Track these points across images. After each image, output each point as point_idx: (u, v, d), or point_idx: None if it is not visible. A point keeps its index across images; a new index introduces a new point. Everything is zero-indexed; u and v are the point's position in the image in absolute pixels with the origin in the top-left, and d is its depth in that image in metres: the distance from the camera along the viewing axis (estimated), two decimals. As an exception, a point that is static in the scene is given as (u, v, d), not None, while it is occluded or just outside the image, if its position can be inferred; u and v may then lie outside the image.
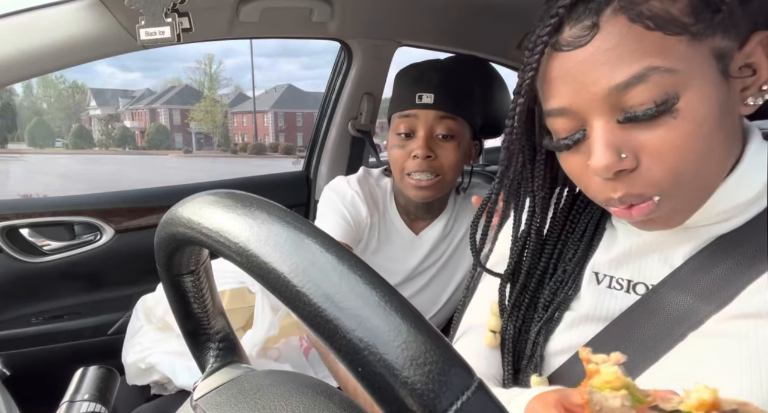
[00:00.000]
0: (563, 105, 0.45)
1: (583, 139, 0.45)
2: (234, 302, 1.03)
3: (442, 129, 0.95)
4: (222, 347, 0.44)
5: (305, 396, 0.36)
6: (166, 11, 0.72)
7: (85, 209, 1.34)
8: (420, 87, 0.95)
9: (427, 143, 0.94)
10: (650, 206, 0.44)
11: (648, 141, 0.42)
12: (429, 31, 1.51)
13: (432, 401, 0.22)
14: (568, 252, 0.57)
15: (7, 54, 0.83)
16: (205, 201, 0.31)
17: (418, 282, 1.03)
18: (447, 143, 0.95)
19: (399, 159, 0.97)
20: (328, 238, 0.27)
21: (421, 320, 0.24)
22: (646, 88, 0.40)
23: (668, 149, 0.41)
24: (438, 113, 0.94)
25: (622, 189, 0.44)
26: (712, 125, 0.41)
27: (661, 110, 0.41)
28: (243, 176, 1.73)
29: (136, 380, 1.06)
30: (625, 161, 0.42)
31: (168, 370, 1.00)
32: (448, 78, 0.97)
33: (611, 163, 0.42)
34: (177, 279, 0.40)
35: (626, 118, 0.42)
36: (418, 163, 0.94)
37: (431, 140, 0.95)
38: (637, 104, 0.41)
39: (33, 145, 39.92)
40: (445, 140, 0.95)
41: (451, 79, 0.98)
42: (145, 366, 1.04)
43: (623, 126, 0.43)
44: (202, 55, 64.92)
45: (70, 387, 0.48)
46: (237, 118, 44.47)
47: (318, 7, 1.23)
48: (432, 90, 0.94)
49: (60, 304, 1.34)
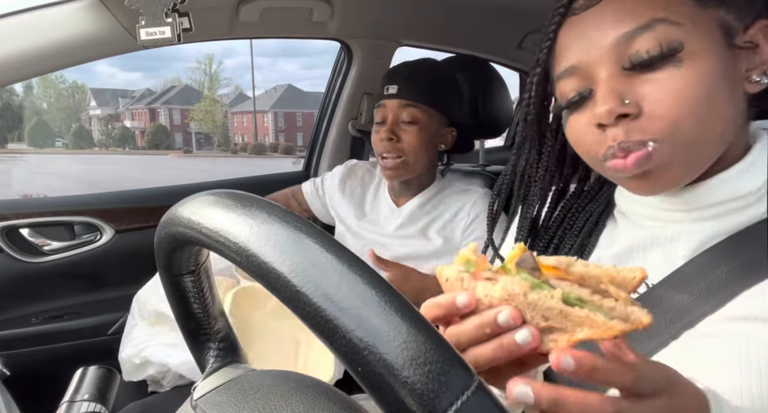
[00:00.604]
0: (573, 63, 0.48)
1: (589, 97, 0.47)
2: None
3: (406, 116, 1.09)
4: (222, 347, 0.44)
5: (305, 396, 0.36)
6: (166, 11, 0.72)
7: (85, 209, 1.34)
8: (388, 80, 1.12)
9: (391, 127, 1.09)
10: (646, 153, 0.44)
11: (650, 88, 0.44)
12: (429, 31, 1.51)
13: (432, 401, 0.22)
14: (564, 246, 0.58)
15: (7, 54, 0.83)
16: (205, 201, 0.31)
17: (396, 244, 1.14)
18: (410, 127, 1.09)
19: (375, 142, 1.13)
20: (328, 238, 0.27)
21: (421, 320, 0.24)
22: (652, 35, 0.43)
23: (670, 95, 0.43)
24: (401, 101, 1.09)
25: (622, 136, 0.45)
26: (714, 81, 0.43)
27: (666, 55, 0.43)
28: (243, 176, 1.73)
29: (132, 376, 1.06)
30: (628, 107, 0.44)
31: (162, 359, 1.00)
32: (413, 72, 1.13)
33: (614, 107, 0.44)
34: (177, 279, 0.40)
35: (632, 63, 0.44)
36: (384, 145, 1.09)
37: (396, 126, 1.09)
38: (643, 50, 0.44)
39: (33, 145, 39.94)
40: (408, 125, 1.09)
41: (417, 73, 1.13)
42: (139, 361, 1.04)
43: (629, 74, 0.45)
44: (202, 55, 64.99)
45: (70, 387, 0.48)
46: (237, 118, 44.49)
47: (318, 7, 1.23)
48: (396, 82, 1.10)
49: (60, 304, 1.34)
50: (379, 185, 1.26)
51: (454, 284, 0.35)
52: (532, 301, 0.31)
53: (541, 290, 0.32)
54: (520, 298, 0.32)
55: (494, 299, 0.32)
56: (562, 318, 0.31)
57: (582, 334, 0.31)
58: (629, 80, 0.45)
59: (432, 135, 1.11)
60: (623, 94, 0.44)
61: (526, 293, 0.32)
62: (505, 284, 0.32)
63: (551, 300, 0.31)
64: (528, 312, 0.32)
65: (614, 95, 0.44)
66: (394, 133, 1.09)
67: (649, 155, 0.44)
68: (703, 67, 0.43)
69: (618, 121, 0.45)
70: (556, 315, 0.31)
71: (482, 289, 0.33)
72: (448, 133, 1.15)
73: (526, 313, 0.32)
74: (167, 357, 1.01)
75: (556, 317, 0.31)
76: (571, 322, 0.31)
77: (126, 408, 0.99)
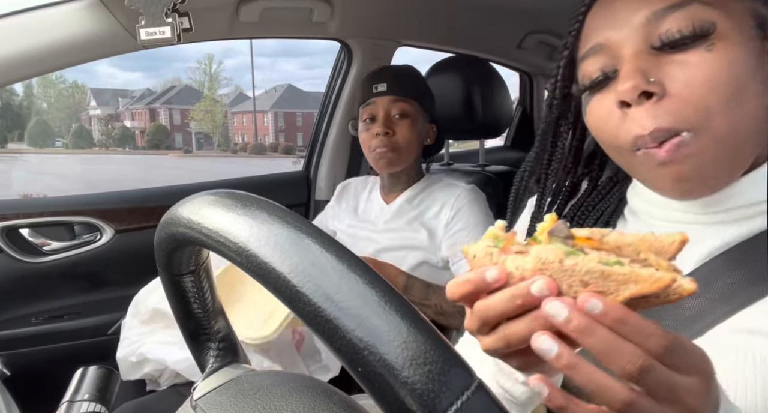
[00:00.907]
0: (599, 41, 0.46)
1: (613, 77, 0.46)
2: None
3: (397, 110, 1.16)
4: (222, 347, 0.44)
5: (305, 396, 0.36)
6: (166, 11, 0.72)
7: (85, 209, 1.34)
8: (375, 80, 1.19)
9: (385, 122, 1.15)
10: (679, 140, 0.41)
11: (679, 70, 0.42)
12: (429, 31, 1.51)
13: (432, 401, 0.22)
14: None
15: (7, 54, 0.83)
16: (205, 201, 0.31)
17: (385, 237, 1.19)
18: (403, 121, 1.16)
19: (366, 140, 1.18)
20: (328, 238, 0.27)
21: (421, 320, 0.24)
22: (686, 14, 0.42)
23: (699, 78, 0.41)
24: (392, 97, 1.16)
25: (651, 124, 0.42)
26: (746, 71, 0.41)
27: (699, 35, 0.41)
28: (243, 176, 1.73)
29: (130, 375, 1.06)
30: (653, 85, 0.42)
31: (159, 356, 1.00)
32: (398, 72, 1.22)
33: (638, 83, 0.42)
34: (177, 279, 0.40)
35: (662, 42, 0.43)
36: (380, 139, 1.14)
37: (389, 120, 1.16)
38: (674, 30, 0.42)
39: (33, 145, 39.93)
40: (401, 118, 1.16)
41: (402, 73, 1.21)
42: (136, 359, 1.04)
43: (657, 54, 0.43)
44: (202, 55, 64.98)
45: (70, 387, 0.48)
46: (237, 118, 44.49)
47: (318, 7, 1.23)
48: (385, 80, 1.17)
49: (60, 304, 1.34)
50: (372, 190, 1.32)
51: (482, 260, 0.33)
52: (569, 267, 0.30)
53: (577, 256, 0.30)
54: (555, 266, 0.30)
55: (526, 271, 0.30)
56: (604, 280, 0.29)
57: (628, 291, 0.29)
58: (657, 60, 0.43)
59: (419, 129, 1.19)
60: (649, 73, 0.42)
61: (562, 260, 0.30)
62: (538, 252, 0.30)
63: (590, 263, 0.29)
64: (565, 280, 0.30)
65: (639, 73, 0.42)
66: (388, 127, 1.15)
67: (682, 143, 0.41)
68: (735, 52, 0.41)
69: (641, 101, 0.42)
70: (597, 277, 0.29)
71: (513, 262, 0.31)
72: (430, 129, 1.23)
73: (562, 282, 0.30)
74: (165, 354, 1.01)
75: (597, 280, 0.29)
76: (614, 282, 0.29)
77: (120, 407, 0.99)
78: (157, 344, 1.02)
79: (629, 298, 0.29)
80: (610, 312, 0.28)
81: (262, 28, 1.26)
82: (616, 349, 0.28)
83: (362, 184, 1.36)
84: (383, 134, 1.14)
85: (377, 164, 1.19)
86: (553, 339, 0.29)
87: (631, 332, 0.28)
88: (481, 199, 1.19)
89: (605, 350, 0.28)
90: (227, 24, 1.16)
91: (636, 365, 0.28)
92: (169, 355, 1.00)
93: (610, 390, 0.29)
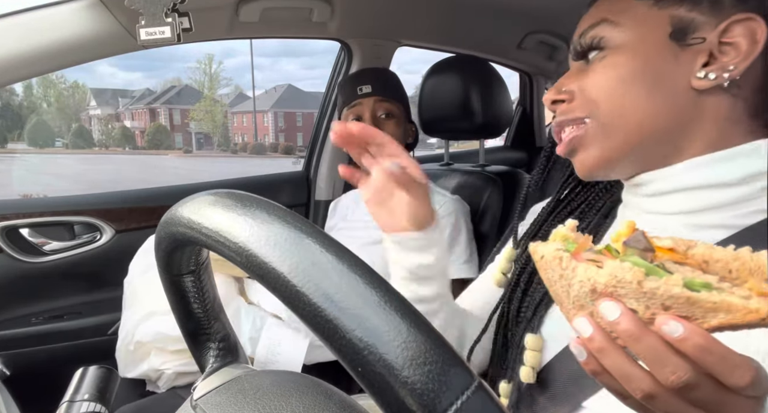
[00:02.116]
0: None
1: None
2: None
3: (383, 110, 1.20)
4: (222, 347, 0.44)
5: (305, 396, 0.36)
6: (166, 11, 0.72)
7: (85, 209, 1.34)
8: (359, 82, 1.21)
9: (373, 122, 1.18)
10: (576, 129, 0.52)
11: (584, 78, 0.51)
12: (429, 31, 1.51)
13: (432, 401, 0.22)
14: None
15: (7, 54, 0.83)
16: (205, 201, 0.31)
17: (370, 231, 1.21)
18: (389, 120, 1.20)
19: None
20: (327, 238, 0.27)
21: (421, 320, 0.24)
22: (594, 32, 0.51)
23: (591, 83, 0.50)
24: (376, 98, 1.19)
25: (559, 116, 0.53)
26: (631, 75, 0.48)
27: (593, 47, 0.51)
28: (243, 176, 1.73)
29: (128, 369, 1.06)
30: (563, 94, 0.53)
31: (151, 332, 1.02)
32: (379, 74, 1.26)
33: (550, 95, 0.54)
34: (177, 279, 0.40)
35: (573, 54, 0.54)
36: None
37: (376, 120, 1.19)
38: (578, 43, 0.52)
39: (33, 145, 39.91)
40: (387, 118, 1.20)
41: (383, 75, 1.27)
42: (133, 347, 1.04)
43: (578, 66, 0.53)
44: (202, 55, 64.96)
45: (70, 387, 0.48)
46: (237, 118, 44.48)
47: (318, 7, 1.23)
48: (368, 82, 1.20)
49: (60, 304, 1.34)
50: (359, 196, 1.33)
51: (550, 264, 0.31)
52: (650, 290, 0.27)
53: (659, 277, 0.27)
54: (632, 286, 0.28)
55: (598, 284, 0.29)
56: (689, 306, 0.27)
57: (716, 320, 0.26)
58: (577, 72, 0.53)
59: (403, 129, 1.24)
60: (563, 85, 0.53)
61: (641, 282, 0.27)
62: (614, 270, 0.28)
63: (675, 288, 0.27)
64: (643, 301, 0.28)
65: (556, 86, 0.54)
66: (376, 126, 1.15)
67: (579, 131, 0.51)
68: (621, 62, 0.48)
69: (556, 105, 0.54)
70: (682, 303, 0.27)
71: (584, 272, 0.29)
72: (410, 128, 1.28)
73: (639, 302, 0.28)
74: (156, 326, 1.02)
75: (681, 306, 0.27)
76: (701, 309, 0.27)
77: (119, 410, 0.99)
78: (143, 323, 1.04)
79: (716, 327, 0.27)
80: (692, 337, 0.27)
81: (262, 28, 1.26)
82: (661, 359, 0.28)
83: (351, 196, 1.42)
84: None
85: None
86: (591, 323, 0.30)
87: (715, 362, 0.27)
88: (464, 211, 1.20)
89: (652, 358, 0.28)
90: (227, 24, 1.16)
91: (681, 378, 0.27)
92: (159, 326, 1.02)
93: (635, 379, 0.29)
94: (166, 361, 1.03)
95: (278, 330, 1.06)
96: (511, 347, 0.60)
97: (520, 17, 1.46)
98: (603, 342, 0.29)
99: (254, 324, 1.06)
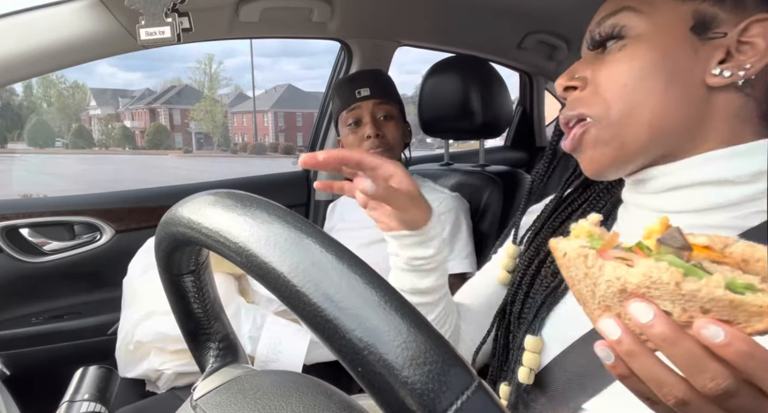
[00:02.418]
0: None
1: None
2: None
3: (382, 112, 1.20)
4: (222, 347, 0.44)
5: (305, 396, 0.36)
6: (166, 11, 0.72)
7: (85, 209, 1.34)
8: (357, 85, 1.21)
9: (373, 124, 1.18)
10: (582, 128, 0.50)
11: (598, 68, 0.50)
12: (429, 31, 1.51)
13: (432, 401, 0.22)
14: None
15: (8, 54, 0.83)
16: (205, 201, 0.31)
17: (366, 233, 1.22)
18: (389, 122, 1.20)
19: (354, 143, 1.20)
20: (327, 238, 0.27)
21: (421, 320, 0.24)
22: (614, 20, 0.49)
23: (606, 74, 0.49)
24: (376, 100, 1.20)
25: (566, 111, 0.51)
26: (653, 71, 0.46)
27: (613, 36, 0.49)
28: (243, 176, 1.73)
29: (128, 369, 1.06)
30: (575, 80, 0.51)
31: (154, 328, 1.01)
32: (375, 76, 1.26)
33: (563, 80, 0.52)
34: (177, 279, 0.40)
35: (590, 43, 0.51)
36: (371, 142, 1.17)
37: (377, 122, 1.19)
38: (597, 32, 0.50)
39: (33, 145, 39.90)
40: (386, 120, 1.20)
41: (379, 77, 1.26)
42: (133, 347, 1.04)
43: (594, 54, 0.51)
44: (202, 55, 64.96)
45: (70, 387, 0.48)
46: (237, 118, 44.48)
47: (318, 7, 1.23)
48: (366, 85, 1.21)
49: (60, 304, 1.34)
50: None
51: (574, 262, 0.29)
52: (689, 292, 0.25)
53: (698, 278, 0.25)
54: (669, 288, 0.26)
55: (629, 284, 0.27)
56: (732, 309, 0.25)
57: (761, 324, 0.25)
58: (592, 60, 0.51)
59: (402, 129, 1.24)
60: (576, 71, 0.51)
61: (679, 283, 0.25)
62: (649, 269, 0.26)
63: (717, 290, 0.25)
64: (679, 303, 0.26)
65: (569, 71, 0.52)
66: (378, 129, 1.18)
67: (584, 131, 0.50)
68: (641, 53, 0.47)
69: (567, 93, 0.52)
70: (724, 306, 0.25)
71: (613, 271, 0.27)
72: (406, 128, 1.28)
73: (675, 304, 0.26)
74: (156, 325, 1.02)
75: (722, 309, 0.25)
76: (744, 313, 0.25)
77: (119, 411, 0.99)
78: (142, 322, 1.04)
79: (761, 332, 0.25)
80: (735, 343, 0.25)
81: (262, 28, 1.26)
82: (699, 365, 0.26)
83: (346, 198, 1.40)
84: (374, 135, 1.16)
85: None
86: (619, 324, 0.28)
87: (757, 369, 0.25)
88: (464, 207, 1.20)
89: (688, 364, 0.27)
90: (227, 24, 1.16)
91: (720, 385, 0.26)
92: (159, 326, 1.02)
93: (667, 385, 0.28)
94: (166, 361, 1.04)
95: (279, 329, 1.06)
96: (512, 348, 0.60)
97: (520, 17, 1.46)
98: (632, 345, 0.28)
99: (254, 322, 1.06)
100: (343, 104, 1.23)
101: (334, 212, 1.43)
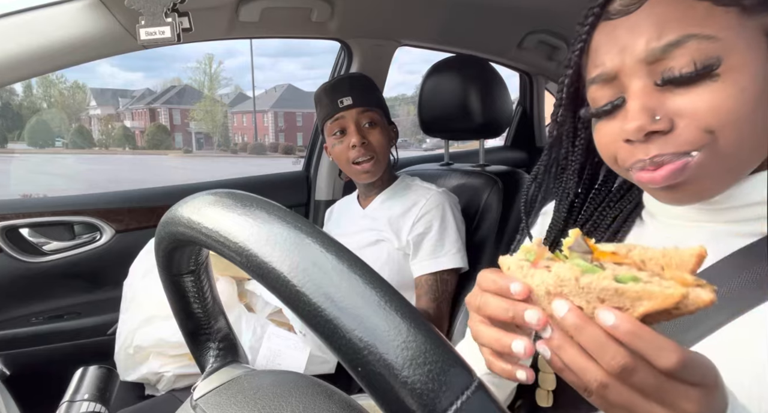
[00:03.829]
0: (605, 70, 0.46)
1: (621, 105, 0.46)
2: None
3: (366, 120, 1.20)
4: (222, 347, 0.44)
5: (305, 396, 0.36)
6: (166, 11, 0.72)
7: (85, 209, 1.34)
8: (338, 94, 1.21)
9: (359, 132, 1.18)
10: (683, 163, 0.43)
11: (685, 102, 0.42)
12: (429, 31, 1.51)
13: (432, 400, 0.22)
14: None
15: (7, 54, 0.83)
16: (205, 201, 0.31)
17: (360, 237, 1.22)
18: (374, 129, 1.20)
19: (341, 153, 1.21)
20: (328, 238, 0.27)
21: (420, 320, 0.24)
22: (685, 52, 0.42)
23: (705, 109, 0.42)
24: (359, 109, 1.19)
25: (655, 150, 0.44)
26: (756, 92, 0.41)
27: (701, 72, 0.41)
28: (243, 175, 1.73)
29: (127, 372, 1.06)
30: (659, 123, 0.43)
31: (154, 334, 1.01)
32: (356, 83, 1.25)
33: (644, 123, 0.43)
34: (177, 279, 0.40)
35: (663, 79, 0.43)
36: (357, 150, 1.18)
37: (361, 130, 1.19)
38: (676, 68, 0.42)
39: (33, 145, 39.89)
40: (371, 127, 1.20)
41: (359, 83, 1.25)
42: (133, 351, 1.04)
43: (661, 90, 0.44)
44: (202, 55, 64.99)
45: (70, 386, 0.48)
46: (237, 118, 44.47)
47: (318, 6, 1.23)
48: (348, 93, 1.20)
49: (60, 304, 1.34)
50: (351, 202, 1.37)
51: (514, 273, 0.36)
52: (585, 285, 0.32)
53: (593, 273, 0.32)
54: (572, 283, 0.32)
55: (549, 286, 0.33)
56: (619, 297, 0.31)
57: (642, 308, 0.30)
58: (662, 95, 0.43)
59: (387, 134, 1.24)
60: (654, 110, 0.43)
61: (578, 278, 0.32)
62: (558, 270, 0.33)
63: (604, 281, 0.31)
64: (583, 297, 0.32)
65: (645, 112, 0.43)
66: (364, 137, 1.18)
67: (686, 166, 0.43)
68: (742, 80, 0.41)
69: (648, 138, 0.44)
70: (612, 294, 0.31)
71: (539, 277, 0.34)
72: (392, 130, 1.29)
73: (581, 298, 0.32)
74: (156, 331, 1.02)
75: (612, 297, 0.31)
76: (628, 298, 0.31)
77: (120, 412, 0.99)
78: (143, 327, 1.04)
79: (644, 314, 0.31)
80: (622, 325, 0.30)
81: (262, 28, 1.26)
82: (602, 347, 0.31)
83: (344, 201, 1.42)
84: (360, 144, 1.17)
85: (359, 177, 1.22)
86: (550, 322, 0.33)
87: (643, 346, 0.30)
88: (451, 202, 1.20)
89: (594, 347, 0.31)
90: (227, 24, 1.16)
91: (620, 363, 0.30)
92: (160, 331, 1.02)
93: (589, 371, 0.31)
94: (166, 364, 1.03)
95: (278, 341, 1.06)
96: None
97: (520, 17, 1.46)
98: (560, 340, 0.33)
99: (255, 332, 1.05)
100: (326, 114, 1.23)
101: (330, 218, 1.44)
